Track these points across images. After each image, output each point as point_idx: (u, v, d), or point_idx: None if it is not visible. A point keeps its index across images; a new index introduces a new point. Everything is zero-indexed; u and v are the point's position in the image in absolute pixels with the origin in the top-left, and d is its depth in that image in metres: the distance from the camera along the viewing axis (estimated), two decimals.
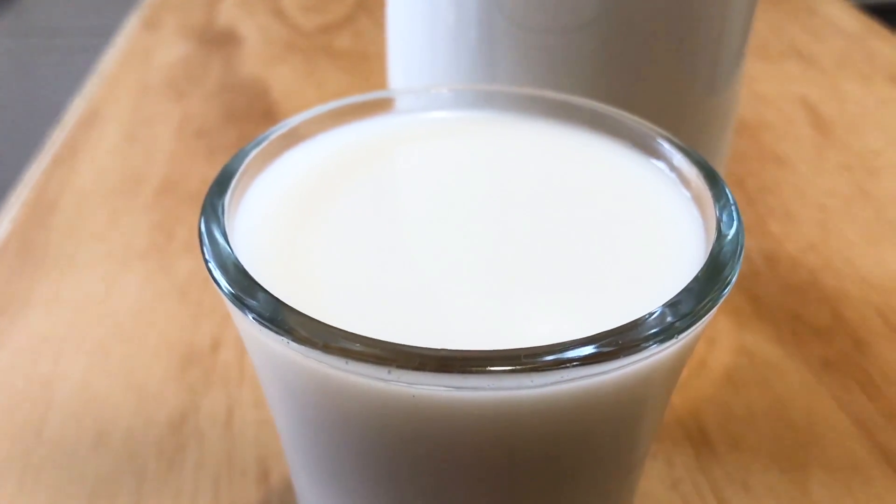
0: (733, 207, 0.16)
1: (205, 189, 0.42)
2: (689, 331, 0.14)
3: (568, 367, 0.13)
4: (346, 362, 0.13)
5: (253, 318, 0.14)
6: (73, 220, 0.40)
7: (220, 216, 0.16)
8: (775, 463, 0.28)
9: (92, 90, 0.53)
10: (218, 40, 0.59)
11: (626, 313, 0.14)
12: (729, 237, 0.16)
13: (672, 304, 0.14)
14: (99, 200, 0.42)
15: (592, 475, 0.17)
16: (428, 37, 0.27)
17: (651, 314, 0.14)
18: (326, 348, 0.13)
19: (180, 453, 0.28)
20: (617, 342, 0.13)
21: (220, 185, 0.17)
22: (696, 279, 0.15)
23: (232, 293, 0.14)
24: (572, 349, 0.13)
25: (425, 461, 0.15)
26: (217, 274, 0.15)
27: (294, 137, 0.20)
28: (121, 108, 0.50)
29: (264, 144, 0.19)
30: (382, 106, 0.21)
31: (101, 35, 0.70)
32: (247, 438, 0.29)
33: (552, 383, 0.13)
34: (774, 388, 0.31)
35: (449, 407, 0.14)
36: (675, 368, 0.16)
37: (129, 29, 0.62)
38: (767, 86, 0.53)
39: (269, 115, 0.50)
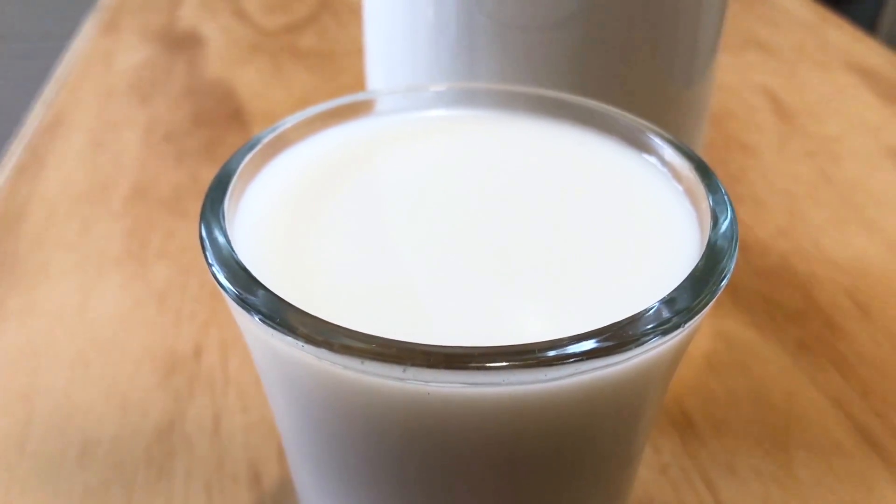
0: (726, 199, 0.17)
1: (176, 194, 0.42)
2: (692, 322, 0.15)
3: (583, 360, 0.13)
4: (362, 362, 0.13)
5: (262, 321, 0.14)
6: (43, 230, 0.39)
7: (222, 222, 0.16)
8: (758, 445, 0.29)
9: (53, 96, 0.52)
10: (180, 43, 0.59)
11: (626, 307, 0.15)
12: (723, 229, 0.16)
13: (674, 296, 0.15)
14: (68, 208, 0.41)
15: (597, 465, 0.17)
16: (408, 35, 0.27)
17: (660, 305, 0.14)
18: (342, 349, 0.13)
19: (169, 461, 0.28)
20: (628, 334, 0.14)
21: (219, 189, 0.17)
22: (695, 270, 0.15)
23: (240, 298, 0.14)
24: (585, 341, 0.13)
25: (435, 457, 0.15)
26: (223, 279, 0.15)
27: (288, 139, 0.20)
28: (84, 114, 0.49)
29: (259, 146, 0.19)
30: (375, 105, 0.21)
31: (57, 39, 0.68)
32: (236, 443, 0.29)
33: (566, 376, 0.13)
34: (753, 372, 0.32)
35: (463, 403, 0.14)
36: (676, 359, 0.16)
37: (87, 32, 0.61)
38: (730, 76, 0.54)
39: (238, 118, 0.49)
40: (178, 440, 0.29)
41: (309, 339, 0.13)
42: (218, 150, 0.46)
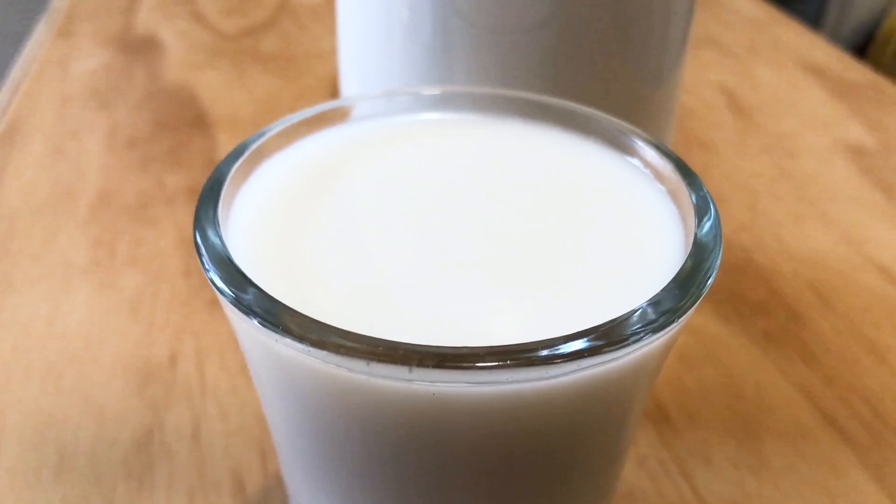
0: (709, 198, 0.17)
1: (142, 201, 0.41)
2: (682, 318, 0.15)
3: (584, 357, 0.14)
4: (368, 364, 0.13)
5: (266, 327, 0.14)
6: (5, 240, 0.39)
7: (218, 230, 0.16)
8: (731, 434, 0.30)
9: (7, 102, 0.50)
10: (138, 47, 0.58)
11: (617, 306, 0.15)
12: (707, 228, 0.17)
13: (664, 295, 0.15)
14: (31, 218, 0.40)
15: (590, 459, 0.18)
16: (382, 38, 0.27)
17: (653, 304, 0.15)
18: (349, 352, 0.13)
19: (149, 472, 0.28)
20: (625, 332, 0.14)
21: (211, 195, 0.17)
22: (682, 269, 0.16)
23: (242, 304, 0.15)
24: (585, 340, 0.14)
25: (435, 455, 0.16)
26: (224, 286, 0.15)
27: (276, 144, 0.20)
28: (43, 121, 0.48)
29: (248, 152, 0.19)
30: (362, 109, 0.21)
31: (8, 44, 0.67)
32: (216, 451, 0.29)
33: (567, 373, 0.14)
34: (723, 364, 0.33)
35: (467, 402, 0.14)
36: (666, 355, 0.17)
37: (41, 37, 0.60)
38: (687, 75, 0.56)
39: (201, 122, 0.49)
40: (158, 450, 0.29)
41: (315, 344, 0.14)
42: (182, 156, 0.45)
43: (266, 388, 0.17)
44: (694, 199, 0.17)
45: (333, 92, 0.53)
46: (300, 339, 0.14)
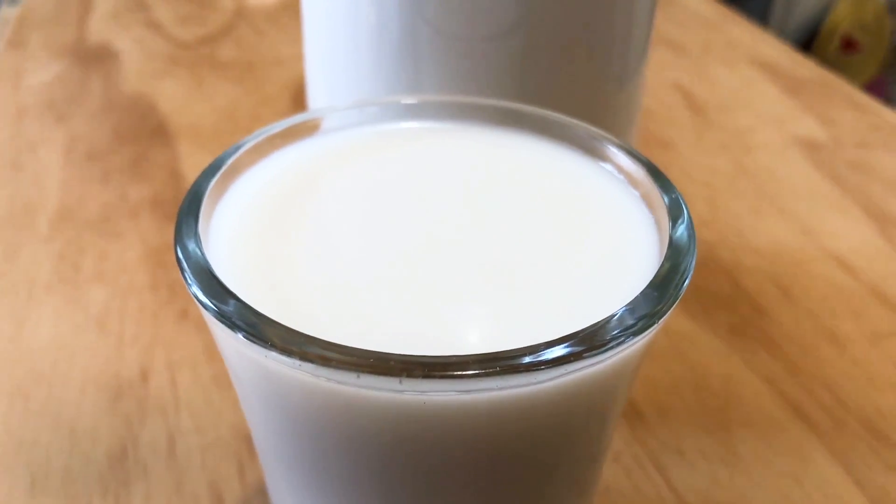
0: (681, 200, 0.18)
1: (105, 214, 0.41)
2: (661, 320, 0.16)
3: (570, 362, 0.14)
4: (358, 376, 0.14)
5: (252, 341, 0.14)
6: None
7: (199, 244, 0.16)
8: (702, 427, 0.31)
9: None
10: (93, 57, 0.57)
11: (597, 310, 0.16)
12: (681, 230, 0.17)
13: (642, 298, 0.16)
14: None
15: (572, 460, 0.18)
16: (349, 45, 0.27)
17: (632, 307, 0.15)
18: (339, 365, 0.14)
19: (125, 488, 0.28)
20: (606, 337, 0.14)
21: (190, 209, 0.17)
22: (659, 271, 0.16)
23: (228, 320, 0.15)
24: (566, 345, 0.14)
25: (422, 462, 0.16)
26: (208, 302, 0.15)
27: (251, 158, 0.20)
28: None
29: (225, 166, 0.19)
30: (336, 120, 0.21)
31: None
32: (193, 465, 0.29)
33: (555, 377, 0.14)
34: (690, 358, 0.34)
35: (457, 409, 0.14)
36: (645, 355, 0.17)
37: None
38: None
39: (162, 133, 0.48)
40: (133, 466, 0.28)
41: (304, 357, 0.14)
42: (144, 167, 0.45)
43: (251, 401, 0.17)
44: (667, 202, 0.18)
45: (295, 99, 0.53)
46: (288, 352, 0.14)
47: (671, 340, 0.34)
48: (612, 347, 0.14)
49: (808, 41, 1.24)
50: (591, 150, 0.20)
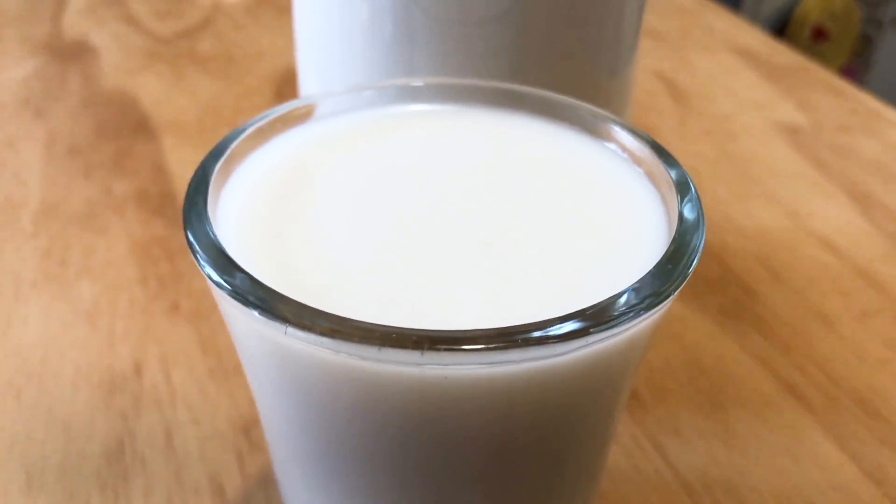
0: (688, 177, 0.18)
1: (90, 209, 0.40)
2: (674, 294, 0.16)
3: (591, 334, 0.14)
4: (379, 350, 0.14)
5: (271, 319, 0.14)
6: None
7: (210, 226, 0.16)
8: (698, 407, 0.31)
9: None
10: (70, 52, 0.56)
11: (610, 284, 0.16)
12: (689, 207, 0.17)
13: (657, 272, 0.16)
14: None
15: (585, 439, 0.18)
16: (343, 32, 0.27)
17: (649, 275, 0.15)
18: (361, 339, 0.13)
19: (124, 482, 0.27)
20: (628, 305, 0.15)
21: (198, 193, 0.17)
22: (670, 247, 0.16)
23: (246, 300, 0.14)
24: (586, 317, 0.14)
25: (441, 441, 0.16)
26: (222, 282, 0.15)
27: (256, 141, 0.20)
28: None
29: (233, 146, 0.19)
30: (338, 105, 0.21)
31: None
32: (192, 457, 0.28)
33: (575, 349, 0.14)
34: (684, 340, 0.34)
35: (476, 384, 0.14)
36: (656, 331, 0.17)
37: None
38: None
39: (144, 127, 0.48)
40: (131, 460, 0.28)
41: (324, 333, 0.14)
42: (128, 162, 0.44)
43: (264, 385, 0.17)
44: (674, 177, 0.18)
45: (278, 91, 0.52)
46: (308, 328, 0.14)
47: (665, 323, 0.35)
48: (629, 320, 0.15)
49: (779, 30, 1.26)
50: (594, 130, 0.21)
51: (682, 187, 0.18)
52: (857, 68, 1.29)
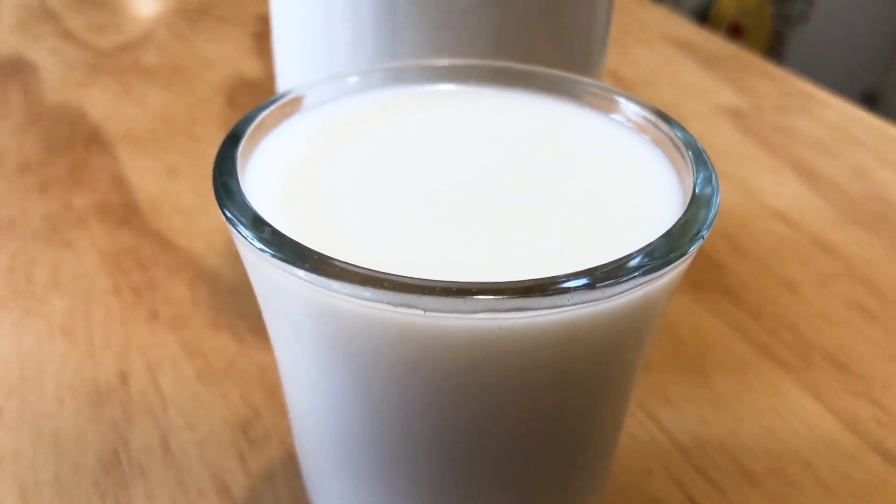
0: (697, 143, 0.19)
1: (51, 224, 0.39)
2: (692, 249, 0.17)
3: (635, 276, 0.15)
4: (441, 300, 0.14)
5: (312, 273, 0.14)
6: None
7: (243, 194, 0.16)
8: (683, 374, 0.32)
9: None
10: (7, 70, 0.54)
11: (631, 242, 0.16)
12: (704, 174, 0.18)
13: (680, 227, 0.17)
14: None
15: (612, 403, 0.19)
16: (323, 21, 0.27)
17: (668, 235, 0.16)
18: (437, 293, 0.14)
19: (124, 490, 0.27)
20: (660, 252, 0.15)
21: (227, 169, 0.17)
22: (692, 201, 0.17)
23: (294, 261, 0.15)
24: (634, 259, 0.15)
25: (485, 398, 0.16)
26: (267, 249, 0.15)
27: (292, 108, 0.20)
28: None
29: (256, 122, 0.19)
30: (359, 84, 0.22)
31: None
32: (191, 460, 0.28)
33: (620, 293, 0.15)
34: None
35: (527, 333, 0.15)
36: (672, 293, 0.18)
37: None
38: None
39: (97, 140, 0.46)
40: (128, 468, 0.28)
41: (386, 288, 0.14)
42: (84, 175, 0.43)
43: (300, 355, 0.17)
44: (681, 137, 0.19)
45: (230, 98, 0.52)
46: (361, 283, 0.14)
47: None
48: (674, 259, 0.15)
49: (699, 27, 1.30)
50: (600, 104, 0.21)
51: (691, 146, 0.19)
52: (772, 62, 1.34)
